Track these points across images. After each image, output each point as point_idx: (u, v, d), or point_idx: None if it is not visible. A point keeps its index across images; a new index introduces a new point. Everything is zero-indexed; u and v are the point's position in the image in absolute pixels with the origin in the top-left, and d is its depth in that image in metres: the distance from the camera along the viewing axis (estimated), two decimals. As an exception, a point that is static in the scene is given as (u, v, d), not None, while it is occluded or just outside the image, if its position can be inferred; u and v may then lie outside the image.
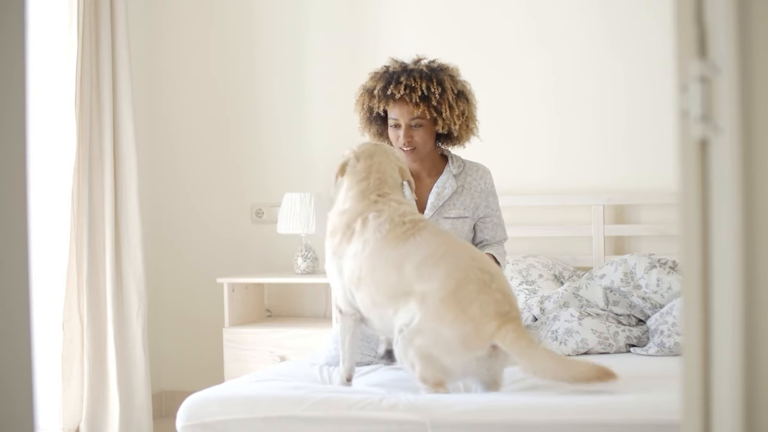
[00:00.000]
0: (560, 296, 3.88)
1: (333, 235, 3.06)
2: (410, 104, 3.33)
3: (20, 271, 1.27)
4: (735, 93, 1.25)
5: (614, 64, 4.44)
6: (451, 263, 2.82)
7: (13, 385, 1.26)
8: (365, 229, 2.96)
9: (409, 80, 3.33)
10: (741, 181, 1.25)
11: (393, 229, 2.92)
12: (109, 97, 4.31)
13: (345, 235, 3.00)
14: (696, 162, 1.33)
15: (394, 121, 3.39)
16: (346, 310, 3.05)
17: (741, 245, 1.25)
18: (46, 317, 4.14)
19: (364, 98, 3.43)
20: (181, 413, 2.86)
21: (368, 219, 2.98)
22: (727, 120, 1.26)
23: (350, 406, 2.71)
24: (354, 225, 2.99)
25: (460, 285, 2.76)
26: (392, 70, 3.40)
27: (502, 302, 2.76)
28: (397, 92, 3.32)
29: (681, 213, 1.38)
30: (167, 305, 4.98)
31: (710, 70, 1.28)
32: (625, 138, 4.42)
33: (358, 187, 3.08)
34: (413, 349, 2.76)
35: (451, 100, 3.35)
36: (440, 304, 2.74)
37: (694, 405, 1.35)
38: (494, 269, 2.86)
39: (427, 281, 2.78)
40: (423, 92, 3.31)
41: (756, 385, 1.25)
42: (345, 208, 3.07)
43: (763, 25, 1.25)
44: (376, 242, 2.92)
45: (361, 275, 2.91)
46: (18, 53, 1.27)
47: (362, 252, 2.93)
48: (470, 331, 2.71)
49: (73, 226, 4.18)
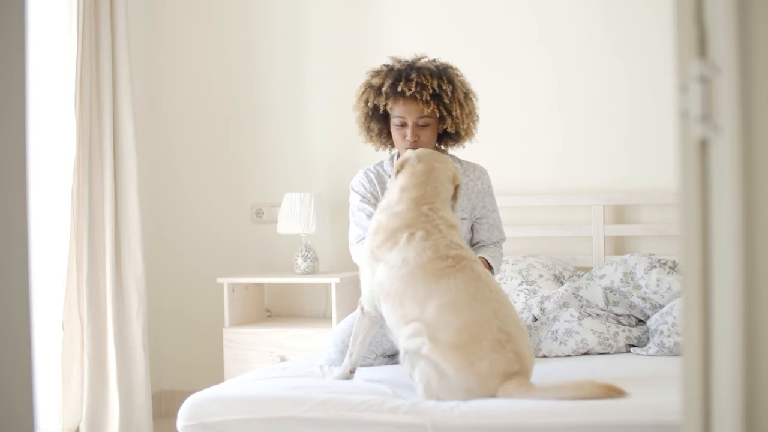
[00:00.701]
0: (560, 296, 3.88)
1: (376, 233, 2.98)
2: (420, 102, 3.28)
3: (20, 271, 1.27)
4: (735, 93, 1.25)
5: (615, 63, 4.44)
6: (472, 316, 2.74)
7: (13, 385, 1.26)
8: (409, 246, 2.88)
9: (420, 77, 3.27)
10: (741, 181, 1.25)
11: (434, 260, 2.84)
12: (109, 97, 4.31)
13: (389, 240, 2.93)
14: (696, 162, 1.33)
15: (400, 120, 3.34)
16: (368, 311, 3.01)
17: (741, 245, 1.25)
18: (46, 317, 4.14)
19: (369, 95, 3.36)
20: (182, 413, 2.86)
21: (415, 237, 2.89)
22: (727, 120, 1.26)
23: (351, 408, 2.71)
24: (399, 236, 2.91)
25: (474, 340, 2.70)
26: (398, 67, 3.34)
27: (513, 361, 2.70)
28: (407, 89, 3.26)
29: (681, 213, 1.38)
30: (167, 305, 4.98)
31: (710, 70, 1.28)
32: (626, 138, 4.42)
33: (415, 192, 2.98)
34: (418, 370, 2.74)
35: (462, 99, 3.33)
36: (449, 350, 2.70)
37: (694, 405, 1.35)
38: (515, 328, 2.78)
39: (443, 327, 2.73)
40: (435, 90, 3.27)
41: (756, 386, 1.25)
42: (397, 211, 2.97)
43: (763, 25, 1.25)
44: (414, 267, 2.84)
45: (390, 291, 2.86)
46: (18, 53, 1.27)
47: (398, 269, 2.86)
48: (473, 384, 2.68)
49: (73, 226, 4.18)
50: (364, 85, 3.41)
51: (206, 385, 3.33)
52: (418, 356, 2.73)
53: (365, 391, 2.87)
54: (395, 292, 2.84)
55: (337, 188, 4.75)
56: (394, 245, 2.91)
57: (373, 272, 2.96)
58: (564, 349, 3.58)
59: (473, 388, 2.68)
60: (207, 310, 4.88)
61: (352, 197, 3.57)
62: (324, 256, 4.77)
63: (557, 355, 3.58)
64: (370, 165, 3.63)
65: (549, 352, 3.58)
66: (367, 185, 3.53)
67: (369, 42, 4.71)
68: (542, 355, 3.57)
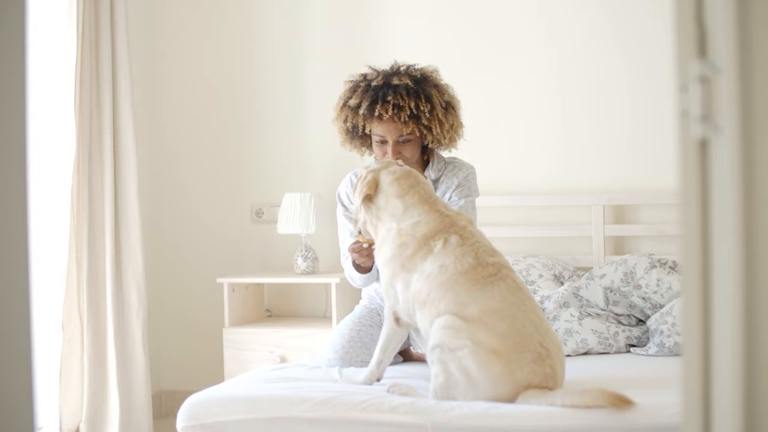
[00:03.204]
0: (560, 296, 3.88)
1: (404, 247, 2.88)
2: (398, 122, 3.25)
3: (20, 271, 1.27)
4: (735, 93, 1.25)
5: (615, 63, 4.44)
6: (516, 326, 2.70)
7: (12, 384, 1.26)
8: (445, 253, 2.81)
9: (397, 98, 3.22)
10: (741, 181, 1.25)
11: (476, 268, 2.78)
12: (108, 97, 4.31)
13: (420, 250, 2.85)
14: (696, 162, 1.33)
15: (380, 138, 3.31)
16: (404, 321, 2.93)
17: (741, 245, 1.25)
18: (46, 317, 4.14)
19: (347, 114, 3.32)
20: (182, 414, 2.86)
21: (450, 242, 2.83)
22: (727, 120, 1.26)
23: (351, 408, 2.71)
24: (433, 244, 2.84)
25: (517, 349, 2.66)
26: (375, 84, 3.29)
27: (549, 378, 2.68)
28: (384, 112, 3.22)
29: (681, 213, 1.38)
30: (167, 305, 4.98)
31: (710, 70, 1.28)
32: (626, 138, 4.42)
33: (416, 195, 2.94)
34: (442, 367, 2.70)
35: (441, 116, 3.28)
36: (491, 355, 2.65)
37: (694, 406, 1.35)
38: (554, 346, 2.74)
39: (483, 330, 2.68)
40: (412, 111, 3.23)
41: (756, 386, 1.25)
42: (418, 220, 2.90)
43: (762, 25, 1.25)
44: (454, 274, 2.77)
45: (426, 300, 2.80)
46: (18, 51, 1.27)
47: (436, 277, 2.79)
48: (506, 392, 2.65)
49: (73, 226, 4.18)
50: (341, 100, 3.36)
51: (206, 385, 3.33)
52: (452, 355, 2.68)
53: (365, 391, 2.87)
54: (432, 299, 2.78)
55: (337, 188, 4.74)
56: (428, 253, 2.84)
57: (407, 285, 2.87)
58: (564, 349, 3.58)
59: (503, 395, 2.65)
60: (207, 310, 4.88)
61: (338, 207, 3.54)
62: (324, 256, 4.77)
63: (557, 355, 3.57)
64: (357, 169, 3.56)
65: (549, 352, 3.57)
66: (350, 193, 3.46)
67: (369, 42, 4.71)
68: (542, 355, 3.57)
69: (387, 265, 2.92)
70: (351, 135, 3.39)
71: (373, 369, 3.00)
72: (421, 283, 2.81)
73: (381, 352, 2.99)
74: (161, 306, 4.95)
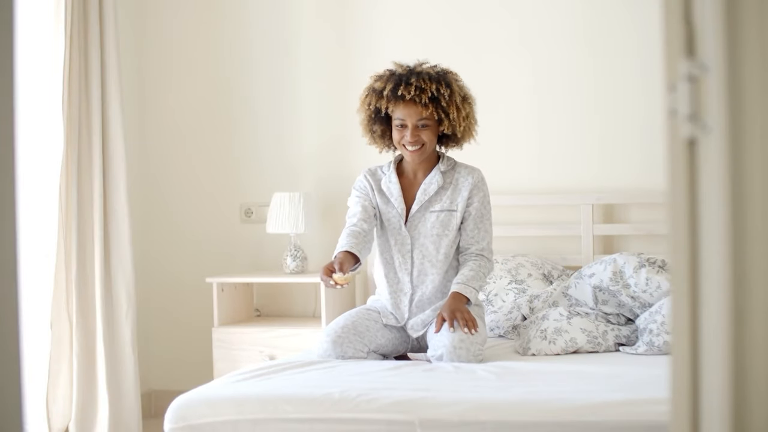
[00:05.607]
0: (549, 295, 3.89)
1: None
2: (419, 105, 3.44)
3: (8, 271, 1.27)
4: (723, 92, 1.25)
5: (603, 62, 4.44)
6: None
7: (1, 385, 1.25)
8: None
9: (419, 82, 3.43)
10: (729, 180, 1.25)
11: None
12: (97, 96, 4.30)
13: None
14: (684, 161, 1.33)
15: (400, 121, 3.49)
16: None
17: (729, 244, 1.26)
18: (34, 317, 4.12)
19: (371, 98, 3.52)
20: (169, 415, 2.86)
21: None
22: (716, 119, 1.26)
23: (339, 407, 2.71)
24: None
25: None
26: (400, 72, 3.50)
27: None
28: (407, 93, 3.42)
29: (669, 212, 1.38)
30: (156, 305, 4.96)
31: (698, 70, 1.29)
32: (614, 137, 4.43)
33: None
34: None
35: (459, 103, 3.48)
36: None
37: (683, 404, 1.36)
38: None
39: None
40: (433, 93, 3.43)
41: (744, 384, 1.25)
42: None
43: (751, 24, 1.25)
44: None
45: None
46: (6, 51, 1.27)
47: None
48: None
49: (62, 226, 4.16)
50: (367, 89, 3.56)
51: (195, 385, 3.32)
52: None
53: (355, 389, 2.87)
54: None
55: (326, 187, 4.74)
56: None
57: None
58: (553, 348, 3.58)
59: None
60: (196, 310, 4.88)
61: (352, 194, 3.70)
62: (313, 256, 4.76)
63: (546, 354, 3.58)
64: (372, 165, 3.76)
65: (538, 351, 3.58)
66: (363, 182, 3.66)
67: (358, 41, 4.71)
68: (531, 354, 3.57)
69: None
70: (373, 122, 3.57)
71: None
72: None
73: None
74: (150, 305, 4.94)
